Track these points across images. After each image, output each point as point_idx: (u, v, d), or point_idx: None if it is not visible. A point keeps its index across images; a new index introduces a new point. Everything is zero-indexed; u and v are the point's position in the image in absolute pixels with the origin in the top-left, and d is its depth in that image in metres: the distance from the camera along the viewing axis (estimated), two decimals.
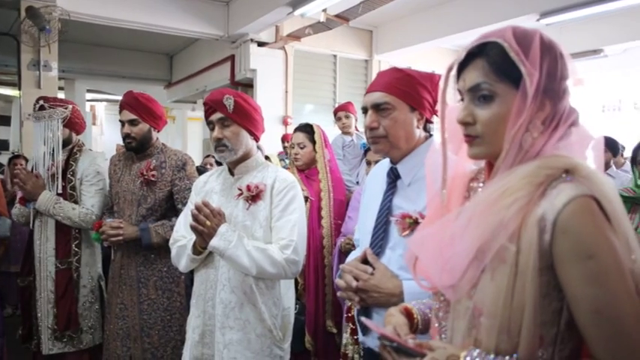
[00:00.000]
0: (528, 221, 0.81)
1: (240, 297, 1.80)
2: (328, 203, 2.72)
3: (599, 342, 0.78)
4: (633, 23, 5.69)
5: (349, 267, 1.40)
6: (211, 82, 7.11)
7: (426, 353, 0.86)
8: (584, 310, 0.78)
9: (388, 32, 6.76)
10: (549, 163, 0.84)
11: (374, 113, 1.47)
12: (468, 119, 0.90)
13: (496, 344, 0.83)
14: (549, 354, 0.82)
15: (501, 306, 0.82)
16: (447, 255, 0.88)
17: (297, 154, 2.78)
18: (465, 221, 0.87)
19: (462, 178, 1.00)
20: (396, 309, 1.07)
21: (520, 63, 0.85)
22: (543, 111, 0.86)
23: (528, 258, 0.80)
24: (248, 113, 1.86)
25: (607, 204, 0.81)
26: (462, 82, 0.92)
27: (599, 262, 0.77)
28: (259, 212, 1.82)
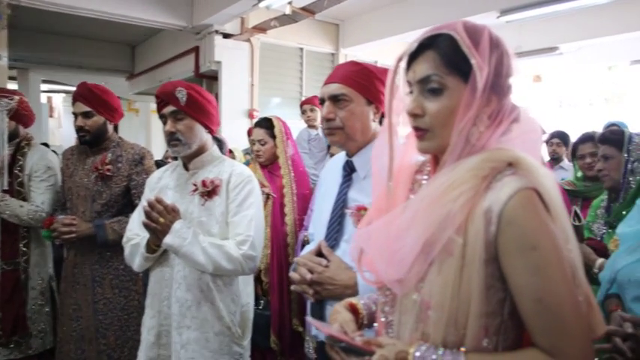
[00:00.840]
0: (474, 214, 0.83)
1: (196, 295, 1.76)
2: (291, 199, 2.69)
3: (540, 329, 0.81)
4: (587, 22, 5.86)
5: (303, 260, 1.40)
6: (175, 73, 6.94)
7: (375, 351, 0.86)
8: (527, 299, 0.81)
9: (354, 26, 6.76)
10: (494, 157, 0.86)
11: (331, 104, 1.47)
12: (417, 111, 0.90)
13: (444, 337, 0.84)
14: (494, 343, 0.84)
15: (449, 298, 0.83)
16: (393, 249, 0.88)
17: (259, 150, 2.74)
18: (411, 215, 0.87)
19: (408, 169, 1.00)
20: (341, 305, 1.06)
21: (471, 56, 0.86)
22: (489, 106, 0.88)
23: (474, 250, 0.82)
24: (202, 106, 1.82)
25: (547, 196, 0.84)
26: (412, 74, 0.92)
27: (541, 253, 0.80)
28: (215, 208, 1.79)
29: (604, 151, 2.03)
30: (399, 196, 0.96)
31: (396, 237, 0.88)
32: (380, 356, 0.85)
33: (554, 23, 6.17)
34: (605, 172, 2.03)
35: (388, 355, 0.85)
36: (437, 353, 0.83)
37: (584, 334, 0.80)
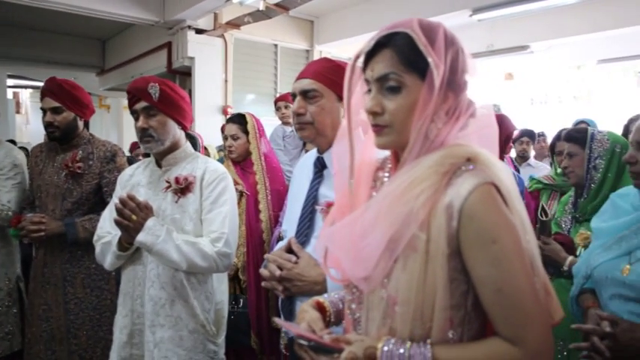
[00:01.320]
0: (436, 210, 0.85)
1: (170, 293, 1.74)
2: (265, 196, 2.68)
3: (501, 318, 0.84)
4: (557, 21, 6.00)
5: (273, 256, 1.40)
6: (147, 69, 6.83)
7: (344, 348, 0.87)
8: (489, 290, 0.84)
9: (329, 23, 6.76)
10: (453, 153, 0.89)
11: (302, 99, 1.48)
12: (376, 109, 0.91)
13: (411, 331, 0.86)
14: (459, 334, 0.87)
15: (415, 293, 0.85)
16: (359, 247, 0.89)
17: (231, 146, 2.72)
18: (375, 213, 0.89)
19: (369, 167, 1.01)
20: (308, 304, 1.06)
21: (428, 54, 0.87)
22: (447, 102, 0.89)
23: (438, 245, 0.84)
24: (175, 102, 1.80)
25: (504, 189, 0.87)
26: (370, 72, 0.92)
27: (501, 246, 0.82)
28: (189, 205, 1.77)
29: (569, 149, 2.09)
30: (361, 194, 0.97)
31: (360, 235, 0.89)
32: (349, 353, 0.85)
33: (525, 22, 6.29)
34: (570, 169, 2.09)
35: (357, 351, 0.86)
36: (404, 347, 0.85)
37: (543, 321, 0.83)
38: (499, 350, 0.83)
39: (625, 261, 1.34)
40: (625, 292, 1.31)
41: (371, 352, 0.85)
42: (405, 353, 0.84)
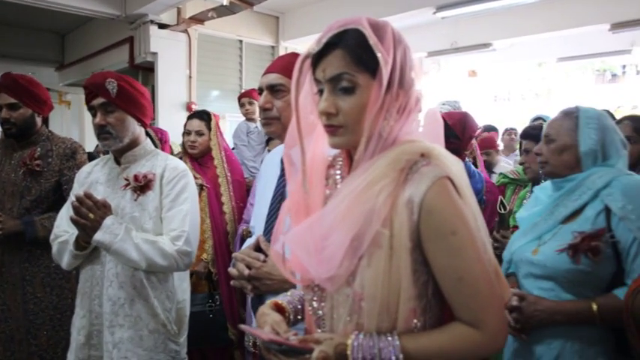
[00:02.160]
0: (397, 205, 0.87)
1: (129, 293, 1.71)
2: (227, 187, 2.67)
3: (461, 304, 0.89)
4: (518, 20, 6.16)
5: (241, 255, 1.39)
6: (109, 64, 6.65)
7: (313, 348, 0.87)
8: (449, 279, 0.88)
9: (294, 19, 6.74)
10: (407, 149, 0.91)
11: (268, 94, 1.47)
12: (330, 110, 0.91)
13: (377, 324, 0.88)
14: (422, 323, 0.91)
15: (380, 288, 0.87)
16: (321, 248, 0.90)
17: (195, 142, 2.69)
18: (335, 213, 0.90)
19: (320, 165, 1.02)
20: (267, 307, 1.06)
21: (378, 52, 0.88)
22: (398, 100, 0.91)
23: (401, 239, 0.87)
24: (134, 98, 1.76)
25: (458, 182, 0.91)
26: (322, 73, 0.92)
27: (460, 237, 0.87)
28: (148, 203, 1.74)
29: (525, 145, 2.17)
30: (316, 193, 0.98)
31: (322, 236, 0.90)
32: (320, 352, 0.86)
33: (487, 20, 6.43)
34: (527, 164, 2.17)
35: (327, 349, 0.86)
36: (373, 340, 0.87)
37: (498, 304, 0.89)
38: (462, 334, 0.88)
39: (535, 244, 1.48)
40: (534, 271, 1.45)
41: (342, 349, 0.87)
42: (374, 346, 0.86)
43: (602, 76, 15.84)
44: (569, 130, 1.49)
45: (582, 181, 1.45)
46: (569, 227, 1.41)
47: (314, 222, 0.93)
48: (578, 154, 1.47)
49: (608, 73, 15.80)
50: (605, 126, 1.48)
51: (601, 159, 1.46)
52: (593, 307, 1.33)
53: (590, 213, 1.40)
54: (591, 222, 1.38)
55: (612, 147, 1.47)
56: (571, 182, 1.47)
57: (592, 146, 1.46)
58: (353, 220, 0.87)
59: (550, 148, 1.52)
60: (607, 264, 1.35)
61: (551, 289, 1.41)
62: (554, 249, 1.39)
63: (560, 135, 1.50)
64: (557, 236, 1.43)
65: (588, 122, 1.47)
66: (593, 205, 1.41)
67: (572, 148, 1.48)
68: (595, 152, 1.46)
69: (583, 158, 1.47)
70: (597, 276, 1.36)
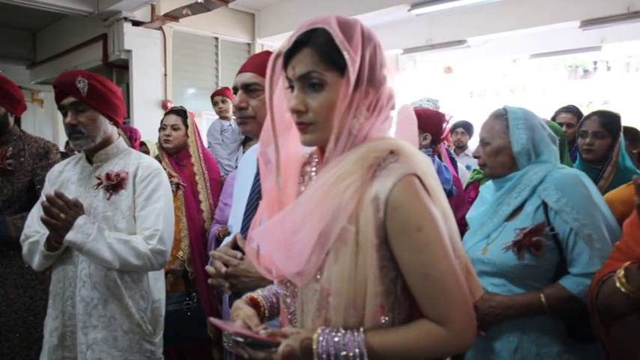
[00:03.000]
0: (364, 202, 0.88)
1: (103, 293, 1.70)
2: (205, 185, 2.67)
3: (428, 300, 0.89)
4: (492, 17, 6.25)
5: (219, 253, 1.39)
6: (82, 62, 6.54)
7: (280, 341, 0.88)
8: (415, 275, 0.88)
9: (270, 16, 6.72)
10: (376, 146, 0.91)
11: (243, 93, 1.47)
12: (300, 107, 0.92)
13: (345, 319, 0.89)
14: (390, 319, 0.91)
15: (346, 283, 0.88)
16: (290, 243, 0.91)
17: (170, 135, 2.69)
18: (304, 209, 0.90)
19: (295, 162, 1.02)
20: (242, 301, 1.07)
21: (345, 50, 0.89)
22: (367, 98, 0.92)
23: (366, 236, 0.87)
24: (105, 97, 1.74)
25: (426, 179, 0.91)
26: (292, 71, 0.93)
27: (425, 233, 0.87)
28: (121, 202, 1.73)
29: None
30: (290, 190, 0.99)
31: (291, 232, 0.91)
32: (286, 346, 0.87)
33: (461, 17, 6.50)
34: None
35: (293, 343, 0.88)
36: (338, 335, 0.88)
37: (465, 301, 0.89)
38: (428, 330, 0.88)
39: (484, 243, 1.54)
40: (485, 269, 1.50)
41: (307, 344, 0.88)
42: (339, 341, 0.87)
43: (574, 72, 16.22)
44: (500, 133, 1.55)
45: (520, 178, 1.51)
46: (513, 224, 1.47)
47: (282, 218, 0.93)
48: (513, 154, 1.53)
49: (580, 69, 16.19)
50: (532, 125, 1.54)
51: (534, 156, 1.53)
52: (541, 298, 1.40)
53: (530, 209, 1.46)
54: (531, 217, 1.44)
55: (542, 143, 1.54)
56: (510, 181, 1.53)
57: (524, 145, 1.52)
58: (320, 216, 0.88)
59: (486, 151, 1.57)
60: (550, 256, 1.42)
61: (503, 285, 1.47)
62: (501, 247, 1.46)
63: (494, 138, 1.56)
64: (503, 234, 1.49)
65: (517, 123, 1.53)
66: (531, 202, 1.47)
67: (506, 149, 1.54)
68: (528, 150, 1.52)
69: (517, 157, 1.53)
70: (542, 268, 1.43)
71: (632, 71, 14.97)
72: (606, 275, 1.16)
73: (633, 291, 1.06)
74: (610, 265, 1.17)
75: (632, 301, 1.08)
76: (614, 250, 1.22)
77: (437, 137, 2.64)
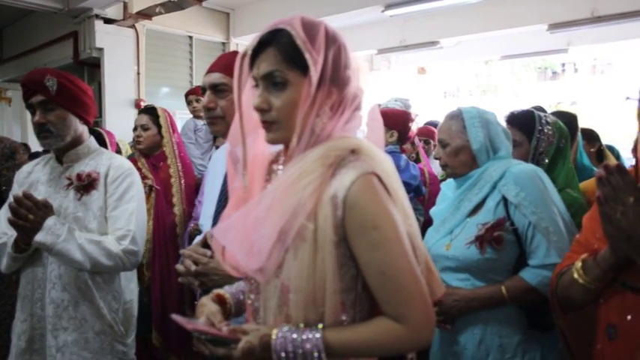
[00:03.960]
0: (323, 200, 0.89)
1: (73, 294, 1.67)
2: (179, 189, 2.64)
3: (385, 298, 0.90)
4: (464, 19, 6.36)
5: (188, 252, 1.39)
6: (52, 60, 6.40)
7: (241, 338, 0.90)
8: (373, 273, 0.90)
9: (245, 15, 6.69)
10: (337, 145, 0.93)
11: (212, 94, 1.47)
12: (263, 106, 0.94)
13: (305, 316, 0.91)
14: (351, 316, 0.93)
15: (305, 280, 0.90)
16: (252, 240, 0.92)
17: (140, 136, 2.65)
18: (266, 205, 0.92)
19: (262, 160, 1.04)
20: (208, 298, 1.08)
21: (306, 51, 0.91)
22: (330, 97, 0.94)
23: (325, 234, 0.89)
24: (75, 95, 1.72)
25: (387, 179, 0.93)
26: (256, 70, 0.95)
27: (382, 231, 0.88)
28: (92, 202, 1.71)
29: None
30: (256, 188, 1.00)
31: (253, 228, 0.92)
32: (245, 342, 0.89)
33: (434, 19, 6.59)
34: None
35: (253, 340, 0.89)
36: (297, 332, 0.89)
37: (423, 298, 0.90)
38: (385, 328, 0.90)
39: (447, 238, 1.57)
40: (450, 264, 1.54)
41: (266, 340, 0.89)
42: (297, 337, 0.88)
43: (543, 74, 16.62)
44: (458, 132, 1.58)
45: (480, 175, 1.55)
46: (475, 220, 1.51)
47: (244, 215, 0.95)
48: (472, 152, 1.57)
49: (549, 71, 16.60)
50: (487, 121, 1.58)
51: (492, 152, 1.57)
52: (502, 290, 1.45)
53: (491, 204, 1.51)
54: (492, 212, 1.49)
55: (498, 139, 1.58)
56: (471, 178, 1.57)
57: (482, 142, 1.56)
58: (281, 213, 0.89)
59: (447, 152, 1.60)
60: (510, 249, 1.47)
61: (467, 279, 1.52)
62: (464, 242, 1.49)
63: (452, 138, 1.59)
64: (465, 230, 1.53)
65: (473, 122, 1.58)
66: (492, 197, 1.51)
67: (466, 148, 1.57)
68: (486, 147, 1.56)
69: (477, 155, 1.57)
70: (503, 262, 1.48)
71: (597, 73, 15.43)
72: (566, 267, 1.21)
73: (589, 282, 1.11)
74: (570, 258, 1.22)
75: (588, 291, 1.13)
76: (574, 244, 1.26)
77: (404, 135, 2.68)
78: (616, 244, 1.03)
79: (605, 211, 1.01)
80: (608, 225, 1.02)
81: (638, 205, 0.97)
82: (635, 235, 0.97)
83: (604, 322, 1.11)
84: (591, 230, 1.18)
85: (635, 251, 0.99)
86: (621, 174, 0.99)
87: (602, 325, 1.12)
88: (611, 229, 1.02)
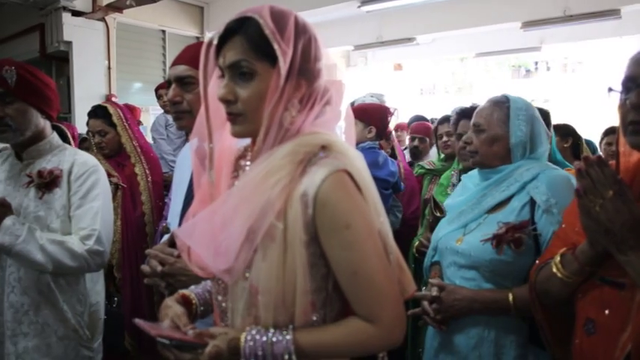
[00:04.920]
0: (292, 198, 0.86)
1: (34, 298, 1.59)
2: (146, 187, 2.54)
3: (357, 298, 0.87)
4: (439, 16, 6.40)
5: (154, 252, 1.32)
6: (18, 53, 6.17)
7: (208, 342, 0.85)
8: (345, 273, 0.87)
9: (220, 9, 6.60)
10: (307, 141, 0.89)
11: (177, 87, 1.40)
12: (228, 97, 0.89)
13: (274, 318, 0.87)
14: (321, 317, 0.90)
15: (275, 281, 0.86)
16: (219, 239, 0.88)
17: (101, 142, 2.51)
18: (233, 203, 0.87)
19: (229, 156, 0.99)
20: (172, 299, 1.03)
21: (274, 41, 0.86)
22: (300, 90, 0.89)
23: (295, 233, 0.85)
24: (36, 88, 1.63)
25: (358, 176, 0.89)
26: (222, 59, 0.90)
27: (354, 230, 0.85)
28: (55, 201, 1.62)
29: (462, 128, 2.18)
30: (223, 184, 0.96)
31: (220, 227, 0.88)
32: (213, 347, 0.85)
33: (410, 15, 6.62)
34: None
35: (221, 344, 0.85)
36: (267, 335, 0.85)
37: (395, 298, 0.88)
38: (356, 328, 0.87)
39: (460, 232, 1.49)
40: (458, 260, 1.46)
41: (235, 344, 0.85)
42: (267, 340, 0.85)
43: (517, 72, 16.90)
44: (499, 121, 1.47)
45: (511, 172, 1.45)
46: (495, 217, 1.42)
47: (211, 213, 0.90)
48: (509, 145, 1.46)
49: (522, 69, 16.88)
50: (533, 117, 1.48)
51: (529, 150, 1.47)
52: (509, 297, 1.35)
53: (516, 204, 1.41)
54: (516, 213, 1.39)
55: (539, 138, 1.48)
56: (500, 173, 1.47)
57: (522, 138, 1.46)
58: (249, 212, 0.85)
59: (480, 139, 1.49)
60: (527, 255, 1.36)
61: (472, 279, 1.43)
62: (479, 239, 1.40)
63: (491, 125, 1.47)
64: (482, 226, 1.43)
65: (518, 113, 1.47)
66: (519, 197, 1.41)
67: (503, 140, 1.46)
68: (525, 144, 1.46)
69: (513, 150, 1.46)
70: (518, 267, 1.37)
71: (569, 72, 15.78)
72: (545, 261, 1.20)
73: (568, 276, 1.09)
74: (550, 252, 1.20)
75: (567, 285, 1.11)
76: (554, 238, 1.24)
77: (382, 130, 2.64)
78: (594, 237, 1.02)
79: (584, 204, 0.99)
80: (586, 218, 1.00)
81: (617, 198, 0.95)
82: (613, 228, 0.96)
83: (582, 317, 1.10)
84: (570, 224, 1.16)
85: (613, 245, 0.98)
86: (601, 166, 0.97)
87: (580, 319, 1.11)
88: (589, 222, 1.00)
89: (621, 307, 0.98)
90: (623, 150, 1.05)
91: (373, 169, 1.71)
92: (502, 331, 1.39)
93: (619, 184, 0.96)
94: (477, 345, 1.40)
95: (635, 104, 0.96)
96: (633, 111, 0.97)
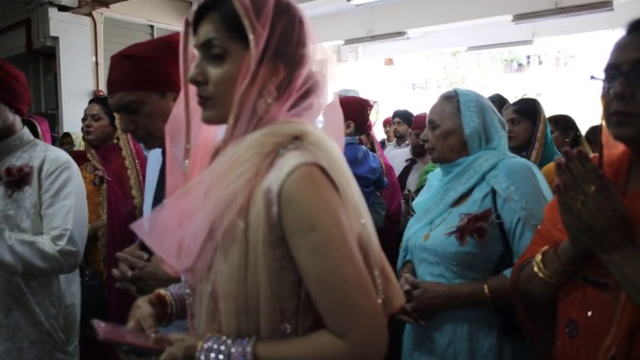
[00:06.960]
0: (255, 194, 0.77)
1: (5, 301, 1.54)
2: (137, 181, 2.50)
3: (326, 310, 0.77)
4: (430, 9, 6.35)
5: (124, 255, 1.27)
6: (4, 49, 6.07)
7: (164, 349, 0.79)
8: (312, 281, 0.77)
9: None
10: (278, 131, 0.81)
11: (125, 116, 1.29)
12: (198, 78, 0.82)
13: (237, 326, 0.79)
14: (293, 326, 0.80)
15: (235, 286, 0.78)
16: (181, 235, 0.81)
17: (90, 126, 2.49)
18: (199, 195, 0.80)
19: (205, 147, 0.91)
20: (144, 299, 0.96)
21: (246, 19, 0.79)
22: (277, 76, 0.81)
23: (257, 233, 0.76)
24: (4, 82, 1.56)
25: (333, 171, 0.79)
26: (197, 37, 0.84)
27: (321, 233, 0.75)
28: (25, 199, 1.56)
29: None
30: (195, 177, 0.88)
31: (181, 222, 0.81)
32: (168, 354, 0.78)
33: (401, 9, 6.56)
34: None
35: (177, 352, 0.78)
36: (225, 344, 0.78)
37: (372, 311, 0.77)
38: (325, 343, 0.77)
39: (427, 229, 1.48)
40: (426, 257, 1.45)
41: (191, 353, 0.78)
42: (225, 351, 0.77)
43: (509, 66, 16.92)
44: (451, 115, 1.48)
45: (470, 164, 1.45)
46: (458, 210, 1.41)
47: (169, 207, 0.83)
48: (463, 137, 1.47)
49: (514, 63, 16.91)
50: (483, 107, 1.49)
51: (485, 141, 1.48)
52: (484, 289, 1.34)
53: (478, 195, 1.41)
54: (479, 204, 1.39)
55: (493, 128, 1.49)
56: (459, 166, 1.47)
57: (475, 128, 1.46)
58: (211, 207, 0.78)
59: (435, 134, 1.51)
60: (493, 245, 1.37)
61: (441, 275, 1.42)
62: (444, 232, 1.39)
63: (444, 120, 1.49)
64: (447, 220, 1.43)
65: (468, 105, 1.47)
66: (480, 188, 1.42)
67: (457, 132, 1.48)
68: (479, 134, 1.47)
69: (469, 141, 1.47)
70: (484, 258, 1.37)
71: (561, 66, 15.81)
72: (526, 260, 1.15)
73: (549, 275, 1.04)
74: (531, 250, 1.16)
75: (549, 285, 1.06)
76: (536, 235, 1.20)
77: (361, 125, 2.57)
78: (576, 235, 0.97)
79: (565, 200, 0.94)
80: (567, 216, 0.95)
81: (599, 194, 0.90)
82: (596, 226, 0.90)
83: (564, 318, 1.05)
84: (552, 221, 1.11)
85: (596, 244, 0.93)
86: (582, 160, 0.91)
87: (562, 320, 1.06)
88: (570, 219, 0.95)
89: (605, 309, 0.94)
90: (606, 141, 1.00)
91: (352, 165, 1.66)
92: (474, 324, 1.39)
93: (601, 179, 0.91)
94: (451, 342, 1.39)
95: (619, 94, 0.90)
96: (617, 101, 0.92)
